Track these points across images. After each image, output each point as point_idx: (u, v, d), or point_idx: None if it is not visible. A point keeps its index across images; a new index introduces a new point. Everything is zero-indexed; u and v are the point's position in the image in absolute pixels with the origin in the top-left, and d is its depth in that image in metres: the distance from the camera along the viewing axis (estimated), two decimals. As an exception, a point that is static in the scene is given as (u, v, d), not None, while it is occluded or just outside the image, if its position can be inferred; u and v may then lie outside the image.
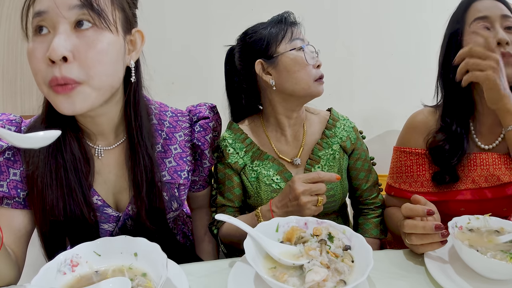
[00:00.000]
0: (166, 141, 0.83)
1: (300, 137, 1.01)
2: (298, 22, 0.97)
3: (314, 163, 0.98)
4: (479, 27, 0.87)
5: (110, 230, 0.80)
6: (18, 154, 0.73)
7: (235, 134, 0.99)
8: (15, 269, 0.70)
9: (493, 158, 0.91)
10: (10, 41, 1.84)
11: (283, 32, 0.93)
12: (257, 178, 0.96)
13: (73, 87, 0.59)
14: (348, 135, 1.02)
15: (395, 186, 1.02)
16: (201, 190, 0.98)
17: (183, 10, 2.18)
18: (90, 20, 0.60)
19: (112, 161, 0.78)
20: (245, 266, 0.67)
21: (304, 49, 0.91)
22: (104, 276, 0.62)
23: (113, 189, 0.79)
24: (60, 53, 0.57)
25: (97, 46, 0.60)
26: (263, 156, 0.97)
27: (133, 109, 0.74)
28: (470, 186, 0.91)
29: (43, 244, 0.75)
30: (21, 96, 1.86)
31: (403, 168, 1.00)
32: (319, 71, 0.92)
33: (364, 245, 0.64)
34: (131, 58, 0.70)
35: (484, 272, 0.64)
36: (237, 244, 0.92)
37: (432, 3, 1.85)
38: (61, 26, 0.58)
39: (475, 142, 0.93)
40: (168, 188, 0.81)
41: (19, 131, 0.74)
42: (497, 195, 0.89)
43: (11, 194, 0.72)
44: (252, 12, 2.12)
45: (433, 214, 0.70)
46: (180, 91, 2.20)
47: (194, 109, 0.91)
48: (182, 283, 0.63)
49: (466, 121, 0.93)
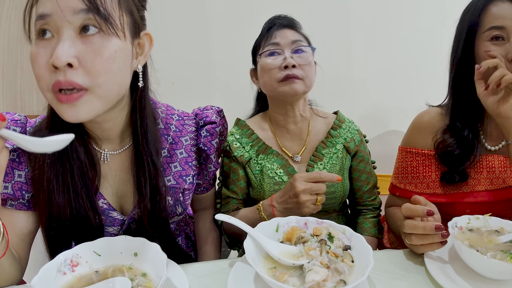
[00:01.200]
0: (172, 145, 0.82)
1: (304, 136, 1.03)
2: (289, 24, 0.99)
3: (317, 160, 1.00)
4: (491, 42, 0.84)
5: (115, 233, 0.80)
6: (23, 156, 0.72)
7: (242, 130, 1.04)
8: (19, 270, 0.71)
9: (499, 161, 0.91)
10: (10, 41, 1.84)
11: (264, 39, 0.99)
12: (261, 171, 0.99)
13: (78, 97, 0.56)
14: (352, 137, 1.04)
15: (400, 187, 1.02)
16: (204, 192, 0.97)
17: (183, 10, 2.18)
18: (96, 25, 0.56)
19: (118, 165, 0.78)
20: (245, 266, 0.67)
21: (266, 54, 0.96)
22: (104, 276, 0.62)
23: (118, 193, 0.79)
24: (64, 60, 0.54)
25: (104, 53, 0.57)
26: (268, 151, 1.00)
27: (139, 114, 0.72)
28: (476, 189, 0.91)
29: (48, 246, 0.74)
30: (21, 96, 1.86)
31: (408, 169, 1.00)
32: (284, 72, 0.92)
33: (364, 245, 0.64)
34: (139, 63, 0.67)
35: (484, 272, 0.64)
36: (239, 235, 0.96)
37: (432, 3, 1.85)
38: (65, 31, 0.55)
39: (482, 143, 0.93)
40: (173, 192, 0.81)
41: (24, 131, 0.72)
42: (503, 197, 0.89)
43: (16, 196, 0.71)
44: (252, 12, 2.12)
45: (433, 215, 0.70)
46: (180, 91, 2.20)
47: (201, 112, 0.89)
48: (182, 283, 0.63)
49: (476, 124, 0.92)
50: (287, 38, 0.95)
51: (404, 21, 1.96)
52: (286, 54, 0.93)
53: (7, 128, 0.68)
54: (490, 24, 0.85)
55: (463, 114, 0.92)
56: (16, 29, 1.84)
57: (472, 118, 0.92)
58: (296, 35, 0.97)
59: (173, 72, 2.23)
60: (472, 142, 0.90)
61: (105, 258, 0.65)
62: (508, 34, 0.83)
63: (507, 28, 0.83)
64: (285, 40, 0.95)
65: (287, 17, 1.01)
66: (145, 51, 0.68)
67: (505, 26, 0.83)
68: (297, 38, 0.96)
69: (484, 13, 0.86)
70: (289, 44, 0.95)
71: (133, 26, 0.64)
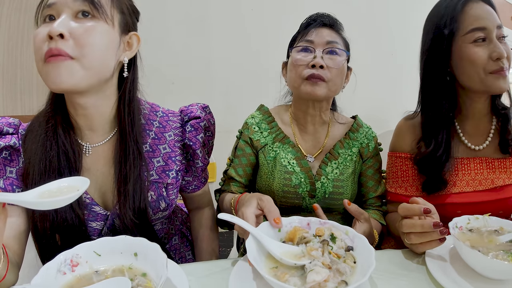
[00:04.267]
0: (154, 140, 0.84)
1: (321, 139, 1.03)
2: (329, 24, 0.97)
3: (332, 159, 1.00)
4: (475, 44, 0.84)
5: (99, 228, 0.81)
6: (14, 154, 0.76)
7: (263, 115, 1.05)
8: (17, 271, 0.71)
9: (487, 162, 0.92)
10: (10, 41, 1.84)
11: (300, 35, 0.98)
12: (275, 158, 1.00)
13: (63, 59, 0.64)
14: (368, 143, 1.04)
15: (391, 191, 1.03)
16: (196, 190, 0.98)
17: (184, 10, 2.18)
18: (89, 12, 0.68)
19: (99, 158, 0.80)
20: (246, 266, 0.67)
21: (297, 49, 0.95)
22: (104, 276, 0.62)
23: (102, 188, 0.81)
24: (57, 30, 0.64)
25: (92, 30, 0.67)
26: (285, 140, 1.01)
27: (128, 104, 0.78)
28: (465, 189, 0.91)
29: (36, 241, 0.77)
30: (21, 96, 1.86)
31: (398, 173, 1.01)
32: (310, 70, 0.91)
33: (367, 246, 0.63)
34: (126, 56, 0.76)
35: (486, 273, 0.64)
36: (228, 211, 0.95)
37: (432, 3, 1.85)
38: (64, 14, 0.67)
39: (464, 144, 0.94)
40: (156, 187, 0.82)
41: (16, 132, 0.78)
42: (492, 198, 0.90)
43: (7, 190, 0.74)
44: (252, 12, 2.12)
45: (430, 212, 0.70)
46: (180, 91, 2.20)
47: (186, 109, 0.92)
48: (182, 283, 0.63)
49: (448, 128, 0.93)
50: (323, 38, 0.93)
51: (404, 21, 1.96)
52: (317, 53, 0.92)
53: (1, 128, 0.75)
54: (470, 26, 0.84)
55: (434, 119, 0.93)
56: (16, 29, 1.84)
57: (443, 122, 0.92)
58: (333, 36, 0.95)
59: (173, 72, 2.22)
60: (447, 147, 0.91)
61: (105, 258, 0.64)
62: (489, 34, 0.83)
63: (488, 28, 0.83)
64: (320, 39, 0.93)
65: (330, 16, 0.99)
66: (133, 48, 0.78)
67: (486, 27, 0.83)
68: (333, 39, 0.94)
69: (462, 15, 0.85)
70: (323, 44, 0.93)
71: (123, 23, 0.74)
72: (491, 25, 0.83)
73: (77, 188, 0.53)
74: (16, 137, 0.76)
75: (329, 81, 0.91)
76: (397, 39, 1.96)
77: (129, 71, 0.78)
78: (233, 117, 1.17)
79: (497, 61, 0.82)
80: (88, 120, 0.77)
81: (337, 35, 0.97)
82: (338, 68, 0.92)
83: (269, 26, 2.15)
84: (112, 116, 0.79)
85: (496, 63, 0.82)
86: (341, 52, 0.94)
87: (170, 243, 1.00)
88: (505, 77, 0.83)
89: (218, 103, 1.11)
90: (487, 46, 0.83)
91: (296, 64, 0.94)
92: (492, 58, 0.82)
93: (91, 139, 0.79)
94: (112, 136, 0.80)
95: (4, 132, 0.76)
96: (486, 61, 0.83)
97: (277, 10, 2.09)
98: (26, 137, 0.76)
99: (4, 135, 0.76)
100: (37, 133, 0.75)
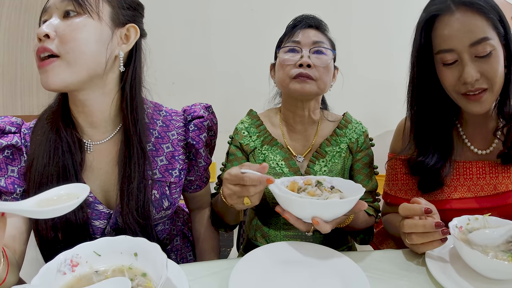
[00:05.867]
0: (158, 139, 0.84)
1: (310, 138, 1.03)
2: (314, 25, 0.98)
3: (320, 157, 1.00)
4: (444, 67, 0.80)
5: (102, 227, 0.81)
6: (16, 153, 0.77)
7: (252, 120, 1.06)
8: (17, 272, 0.71)
9: (490, 167, 0.88)
10: (10, 41, 1.84)
11: (287, 36, 0.99)
12: (264, 161, 1.01)
13: (49, 62, 0.68)
14: (357, 138, 1.03)
15: (391, 194, 1.01)
16: (198, 190, 0.98)
17: (184, 10, 2.19)
18: (74, 10, 0.70)
19: (102, 156, 0.80)
20: (246, 266, 0.67)
21: (285, 50, 0.96)
22: (104, 276, 0.62)
23: (104, 187, 0.81)
24: (43, 31, 0.68)
25: (74, 26, 0.69)
26: (273, 142, 1.02)
27: (129, 101, 0.78)
28: (466, 195, 0.89)
29: (38, 241, 0.77)
30: (21, 96, 1.86)
31: (398, 176, 0.99)
32: (297, 70, 0.92)
33: (344, 181, 0.82)
34: (121, 50, 0.76)
35: (486, 273, 0.64)
36: (220, 213, 0.96)
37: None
38: (54, 15, 0.71)
39: (468, 147, 0.91)
40: (159, 186, 0.83)
41: (18, 131, 0.78)
42: (495, 204, 0.87)
43: (9, 189, 0.74)
44: (252, 12, 2.12)
45: (431, 212, 0.69)
46: (180, 91, 2.20)
47: (189, 108, 0.93)
48: (182, 283, 0.63)
49: (446, 134, 0.90)
50: (309, 38, 0.95)
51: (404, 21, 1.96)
52: (304, 53, 0.93)
53: (3, 127, 0.76)
54: (439, 47, 0.80)
55: (428, 130, 0.90)
56: (16, 29, 1.84)
57: (439, 130, 0.90)
58: (319, 36, 0.97)
59: (173, 72, 2.22)
60: (443, 156, 0.89)
61: (105, 258, 0.64)
62: (460, 55, 0.77)
63: (456, 49, 0.76)
64: (306, 39, 0.95)
65: (315, 17, 1.01)
66: (130, 41, 0.78)
67: (453, 48, 0.77)
68: (319, 39, 0.96)
69: (433, 32, 0.81)
70: (310, 44, 0.95)
71: (114, 16, 0.75)
72: (461, 46, 0.75)
73: (77, 195, 0.53)
74: (18, 136, 0.77)
75: (317, 79, 0.93)
76: (397, 39, 1.96)
77: (128, 66, 0.78)
78: (234, 117, 1.17)
79: (465, 84, 0.77)
80: (88, 116, 0.77)
81: (323, 35, 0.98)
82: (325, 67, 0.94)
83: (269, 26, 2.15)
84: (113, 113, 0.79)
85: (465, 86, 0.78)
86: (327, 51, 0.96)
87: (172, 244, 1.00)
88: (477, 100, 0.78)
89: (218, 103, 1.11)
90: (456, 68, 0.78)
91: (284, 64, 0.95)
92: (461, 82, 0.78)
93: (92, 136, 0.79)
94: (114, 134, 0.80)
95: (6, 131, 0.76)
96: (455, 83, 0.79)
97: (277, 10, 2.09)
98: (33, 130, 0.78)
99: (6, 134, 0.76)
100: (43, 127, 0.77)
